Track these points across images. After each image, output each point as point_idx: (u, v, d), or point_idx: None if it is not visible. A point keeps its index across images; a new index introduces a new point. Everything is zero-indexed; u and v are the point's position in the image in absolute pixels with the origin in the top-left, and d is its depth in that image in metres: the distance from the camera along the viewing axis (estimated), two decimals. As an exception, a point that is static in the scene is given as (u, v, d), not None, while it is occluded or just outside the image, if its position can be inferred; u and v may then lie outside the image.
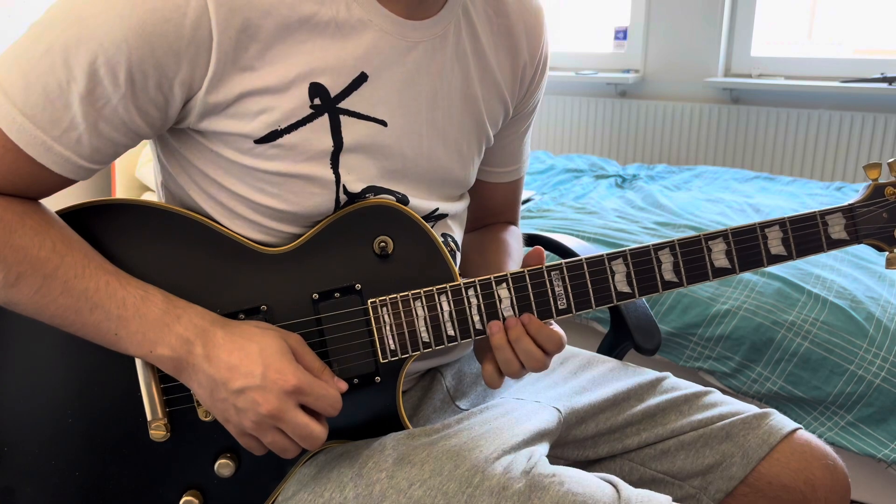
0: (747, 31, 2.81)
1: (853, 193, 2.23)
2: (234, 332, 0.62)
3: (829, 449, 0.77)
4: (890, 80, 2.46)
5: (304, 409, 0.62)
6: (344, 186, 0.68)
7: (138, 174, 1.99)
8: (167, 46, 0.57)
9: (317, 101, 0.64)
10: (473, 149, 0.78)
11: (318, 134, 0.65)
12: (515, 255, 0.85)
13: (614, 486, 0.64)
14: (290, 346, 0.63)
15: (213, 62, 0.59)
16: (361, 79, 0.65)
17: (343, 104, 0.65)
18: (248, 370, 0.60)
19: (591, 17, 3.33)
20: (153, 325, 0.61)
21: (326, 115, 0.65)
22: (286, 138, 0.64)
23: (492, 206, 0.92)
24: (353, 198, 0.69)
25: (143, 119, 0.61)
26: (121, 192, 1.91)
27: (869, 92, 2.50)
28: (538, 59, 0.80)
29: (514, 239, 0.89)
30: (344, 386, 0.65)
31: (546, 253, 1.20)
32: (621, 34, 3.04)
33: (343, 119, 0.65)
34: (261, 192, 0.66)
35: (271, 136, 0.63)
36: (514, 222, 0.95)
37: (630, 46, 3.03)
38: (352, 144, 0.66)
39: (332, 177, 0.67)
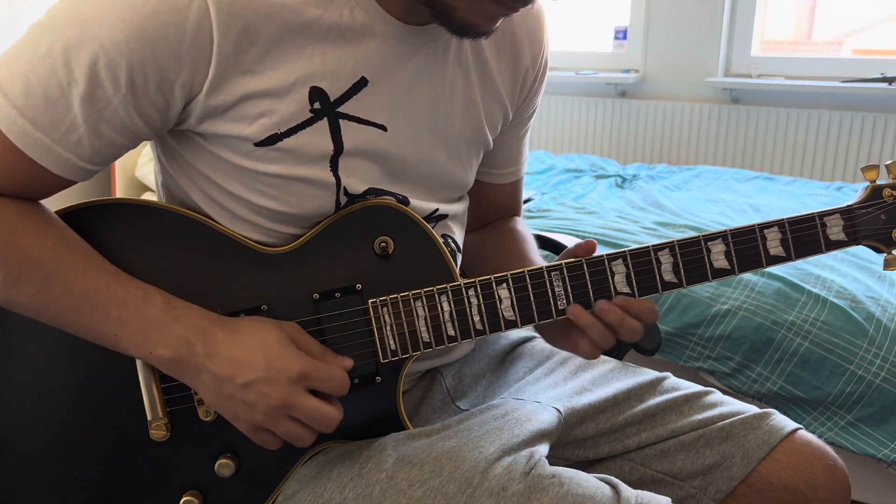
0: (747, 31, 2.81)
1: (853, 193, 2.22)
2: (233, 328, 0.62)
3: (829, 449, 0.77)
4: (890, 80, 2.46)
5: (314, 393, 0.62)
6: (345, 188, 0.68)
7: (138, 174, 1.99)
8: (168, 49, 0.57)
9: (316, 106, 0.64)
10: (472, 153, 0.78)
11: (318, 138, 0.65)
12: (531, 242, 0.86)
13: (614, 487, 0.64)
14: (289, 335, 0.63)
15: (213, 65, 0.59)
16: (361, 83, 0.66)
17: (342, 108, 0.65)
18: (252, 364, 0.60)
19: (591, 17, 3.32)
20: (153, 326, 0.61)
21: (326, 120, 0.65)
22: (286, 142, 0.64)
23: (494, 207, 0.92)
24: (353, 199, 0.69)
25: (143, 121, 0.61)
26: (121, 192, 1.91)
27: (869, 92, 2.50)
28: (539, 63, 0.81)
29: (525, 230, 0.90)
30: (349, 363, 0.65)
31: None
32: (621, 34, 3.04)
33: (343, 123, 0.66)
34: (261, 195, 0.66)
35: (271, 140, 0.63)
36: (518, 214, 0.95)
37: (630, 46, 3.03)
38: (352, 149, 0.67)
39: (333, 179, 0.67)
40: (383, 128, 0.68)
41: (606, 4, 3.21)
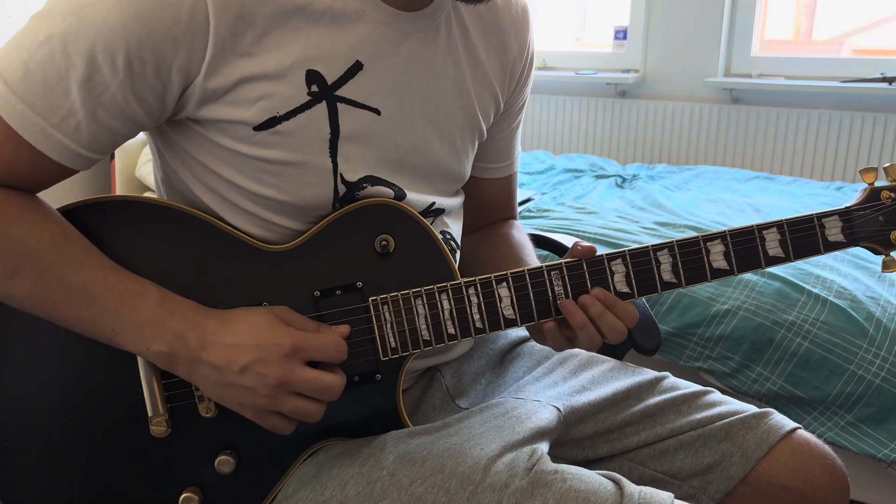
0: (747, 31, 2.81)
1: (853, 194, 2.22)
2: (224, 318, 0.63)
3: (828, 449, 0.77)
4: (890, 80, 2.46)
5: (315, 366, 0.63)
6: (341, 175, 0.68)
7: (138, 174, 1.99)
8: (165, 32, 0.58)
9: (314, 88, 0.64)
10: (467, 142, 0.79)
11: (317, 121, 0.65)
12: (529, 249, 0.86)
13: (616, 482, 0.64)
14: (278, 315, 0.64)
15: (210, 47, 0.59)
16: (357, 67, 0.66)
17: (340, 92, 0.66)
18: (244, 347, 0.61)
19: (591, 17, 3.33)
20: (148, 321, 0.61)
21: (324, 103, 0.65)
22: (285, 125, 0.64)
23: (490, 203, 0.92)
24: (350, 187, 0.69)
25: (141, 107, 0.61)
26: (121, 191, 1.91)
27: (869, 92, 2.50)
28: (526, 53, 0.82)
29: (522, 234, 0.90)
30: (345, 330, 0.65)
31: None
32: (621, 34, 3.04)
33: (340, 107, 0.66)
34: (259, 183, 0.66)
35: (270, 123, 0.64)
36: (514, 217, 0.95)
37: (630, 46, 3.03)
38: (347, 133, 0.67)
39: (330, 165, 0.67)
40: (377, 111, 0.68)
41: (606, 4, 3.21)
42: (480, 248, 0.89)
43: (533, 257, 0.84)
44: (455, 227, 0.82)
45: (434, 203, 0.77)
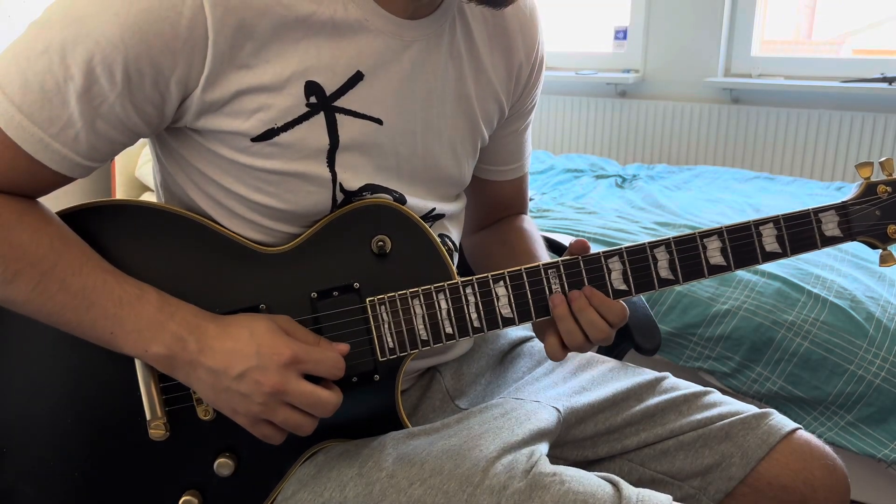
0: (747, 31, 2.81)
1: (853, 193, 2.22)
2: (224, 323, 0.63)
3: (828, 449, 0.77)
4: (890, 80, 2.46)
5: (312, 379, 0.63)
6: (341, 185, 0.68)
7: (138, 174, 1.99)
8: (163, 45, 0.57)
9: (312, 100, 0.64)
10: (468, 148, 0.78)
11: (315, 132, 0.65)
12: (539, 240, 0.86)
13: (615, 485, 0.64)
14: (279, 325, 0.64)
15: (209, 60, 0.59)
16: (357, 78, 0.66)
17: (338, 102, 0.65)
18: (243, 353, 0.60)
19: (591, 17, 3.32)
20: (148, 324, 0.61)
21: (322, 114, 0.65)
22: (283, 136, 0.64)
23: (500, 204, 0.92)
24: (349, 195, 0.69)
25: (139, 117, 0.61)
26: (121, 192, 1.91)
27: (869, 92, 2.50)
28: (534, 58, 0.81)
29: (533, 228, 0.90)
30: (345, 348, 0.65)
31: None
32: (621, 34, 3.04)
33: (339, 117, 0.66)
34: (258, 191, 0.66)
35: (268, 135, 0.63)
36: (525, 213, 0.95)
37: (630, 46, 3.03)
38: (348, 143, 0.67)
39: (329, 175, 0.67)
40: (379, 121, 0.68)
41: (606, 4, 3.21)
42: (491, 243, 0.89)
43: (542, 250, 0.84)
44: (455, 232, 0.82)
45: (434, 209, 0.77)
